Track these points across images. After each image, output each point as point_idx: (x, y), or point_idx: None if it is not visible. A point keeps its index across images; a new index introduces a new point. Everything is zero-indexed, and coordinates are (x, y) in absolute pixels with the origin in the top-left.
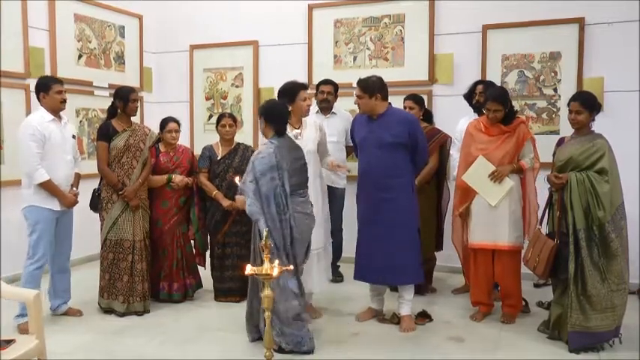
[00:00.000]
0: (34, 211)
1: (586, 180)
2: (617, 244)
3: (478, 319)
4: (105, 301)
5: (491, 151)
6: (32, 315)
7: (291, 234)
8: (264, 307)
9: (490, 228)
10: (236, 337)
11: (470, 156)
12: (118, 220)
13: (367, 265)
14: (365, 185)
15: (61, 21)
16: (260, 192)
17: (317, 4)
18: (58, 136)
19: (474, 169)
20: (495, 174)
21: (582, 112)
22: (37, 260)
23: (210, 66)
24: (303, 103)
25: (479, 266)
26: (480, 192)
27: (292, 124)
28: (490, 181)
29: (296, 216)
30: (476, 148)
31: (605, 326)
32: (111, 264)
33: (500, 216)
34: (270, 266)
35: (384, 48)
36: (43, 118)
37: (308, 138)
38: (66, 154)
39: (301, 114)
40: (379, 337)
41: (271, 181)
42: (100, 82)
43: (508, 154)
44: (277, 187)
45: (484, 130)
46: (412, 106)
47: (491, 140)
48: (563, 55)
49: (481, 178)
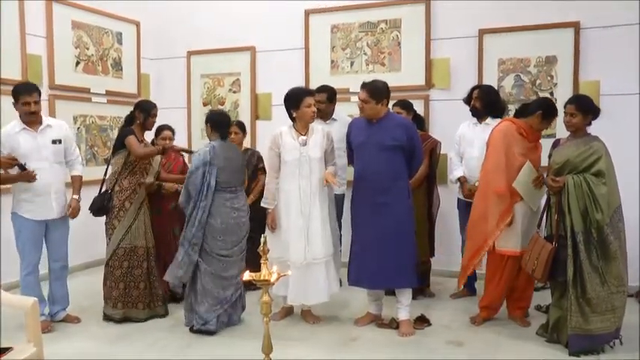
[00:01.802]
0: (16, 218)
1: (583, 183)
2: (615, 247)
3: (478, 323)
4: (120, 311)
5: (532, 158)
6: (29, 322)
7: (207, 221)
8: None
9: (529, 234)
10: (235, 342)
11: (514, 160)
12: (132, 227)
13: (361, 269)
14: (362, 188)
15: (59, 28)
16: (194, 184)
17: (314, 10)
18: (30, 144)
19: (522, 175)
20: (540, 179)
21: (576, 114)
22: (25, 267)
23: (207, 72)
24: (308, 110)
25: (506, 272)
26: (526, 198)
27: (298, 130)
28: (533, 187)
29: (222, 210)
30: (517, 153)
31: (605, 328)
32: (126, 272)
33: (535, 221)
34: (268, 272)
35: (381, 53)
36: (11, 131)
37: (314, 145)
38: (42, 161)
39: (306, 120)
40: (378, 342)
41: (201, 176)
42: (97, 89)
43: (539, 160)
44: (205, 180)
45: (525, 135)
46: (399, 112)
47: (531, 147)
48: (559, 59)
49: (526, 184)
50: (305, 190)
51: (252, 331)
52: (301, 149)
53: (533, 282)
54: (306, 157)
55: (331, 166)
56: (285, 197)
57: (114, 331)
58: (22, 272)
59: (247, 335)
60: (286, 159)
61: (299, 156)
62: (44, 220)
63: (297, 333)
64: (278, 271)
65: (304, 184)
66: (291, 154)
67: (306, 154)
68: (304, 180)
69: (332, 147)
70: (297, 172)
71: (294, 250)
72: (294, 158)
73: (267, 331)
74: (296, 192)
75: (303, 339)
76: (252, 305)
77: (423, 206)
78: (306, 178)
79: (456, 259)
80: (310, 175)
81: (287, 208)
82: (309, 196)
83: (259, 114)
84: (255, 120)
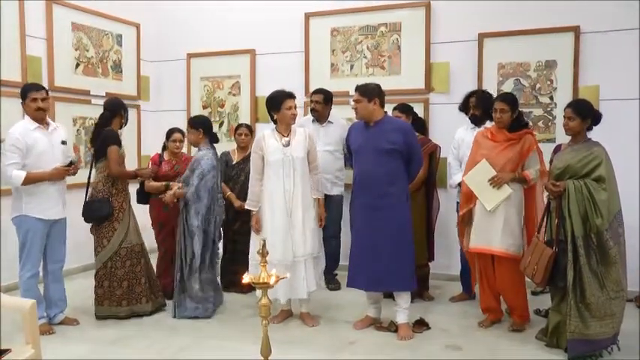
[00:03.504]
0: (23, 220)
1: (583, 188)
2: (615, 252)
3: (485, 326)
4: (125, 308)
5: (493, 157)
6: (28, 325)
7: (215, 220)
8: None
9: (485, 232)
10: (233, 344)
11: (475, 161)
12: (129, 226)
13: (360, 271)
14: (360, 192)
15: (59, 30)
16: (206, 186)
17: (314, 13)
18: (45, 143)
19: (476, 172)
20: (495, 179)
21: (574, 118)
22: (29, 269)
23: (207, 74)
24: (288, 112)
25: (480, 271)
26: (478, 195)
27: (281, 132)
28: (489, 186)
29: (216, 208)
30: (480, 154)
31: (604, 333)
32: (129, 271)
33: (495, 221)
34: (267, 275)
35: (381, 56)
36: (27, 127)
37: (297, 145)
38: (55, 161)
39: (287, 122)
40: (376, 345)
41: (212, 178)
42: (97, 91)
43: (510, 161)
44: (215, 182)
45: (490, 136)
46: (399, 116)
47: (495, 146)
48: (558, 63)
49: (481, 182)
50: (288, 189)
51: (251, 334)
52: (284, 150)
53: (521, 292)
54: (289, 158)
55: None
56: (269, 197)
57: (112, 333)
58: (26, 274)
59: (246, 338)
60: (270, 160)
61: (282, 157)
62: (51, 221)
63: (296, 336)
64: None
65: (288, 184)
66: (274, 155)
67: (289, 155)
68: (288, 180)
69: (314, 147)
70: (281, 173)
71: (280, 250)
72: (277, 159)
73: (266, 334)
74: (280, 192)
75: (302, 342)
76: (250, 308)
77: (422, 210)
78: (290, 178)
79: (455, 263)
80: (294, 174)
81: (271, 208)
82: (292, 195)
83: (259, 117)
84: (254, 123)
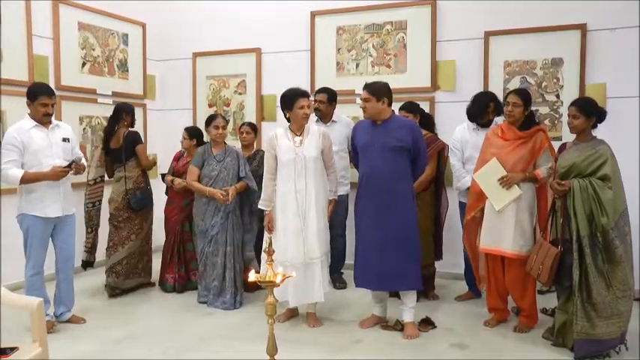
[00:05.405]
0: (24, 218)
1: (589, 186)
2: (621, 251)
3: (491, 325)
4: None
5: (503, 155)
6: (35, 323)
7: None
8: (266, 314)
9: (495, 232)
10: (238, 344)
11: (485, 160)
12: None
13: (367, 270)
14: (366, 190)
15: (65, 29)
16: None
17: (319, 11)
18: (43, 141)
19: (486, 170)
20: (505, 179)
21: (579, 116)
22: (32, 267)
23: (213, 73)
24: (300, 111)
25: (490, 271)
26: (488, 194)
27: (294, 131)
28: (499, 186)
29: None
30: (490, 152)
31: (611, 333)
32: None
33: (506, 222)
34: (273, 273)
35: (387, 55)
36: (24, 126)
37: (310, 145)
38: (54, 159)
39: (299, 121)
40: (382, 344)
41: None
42: (103, 90)
43: (521, 160)
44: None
45: (500, 134)
46: (406, 115)
47: (506, 145)
48: (565, 61)
49: (491, 181)
50: (301, 189)
51: (257, 333)
52: (296, 149)
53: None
54: (301, 157)
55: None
56: (282, 198)
57: (119, 331)
58: (28, 272)
59: (252, 337)
60: (282, 159)
61: (294, 156)
62: (53, 219)
63: (302, 335)
64: (283, 273)
65: (300, 184)
66: (286, 155)
67: (301, 154)
68: (300, 180)
69: (330, 146)
70: (293, 172)
71: (292, 250)
72: (289, 158)
73: (272, 333)
74: (292, 192)
75: (308, 341)
76: (256, 307)
77: (429, 209)
78: (302, 178)
79: (460, 262)
80: (306, 174)
81: (284, 208)
82: (304, 195)
83: (265, 115)
84: (260, 121)
